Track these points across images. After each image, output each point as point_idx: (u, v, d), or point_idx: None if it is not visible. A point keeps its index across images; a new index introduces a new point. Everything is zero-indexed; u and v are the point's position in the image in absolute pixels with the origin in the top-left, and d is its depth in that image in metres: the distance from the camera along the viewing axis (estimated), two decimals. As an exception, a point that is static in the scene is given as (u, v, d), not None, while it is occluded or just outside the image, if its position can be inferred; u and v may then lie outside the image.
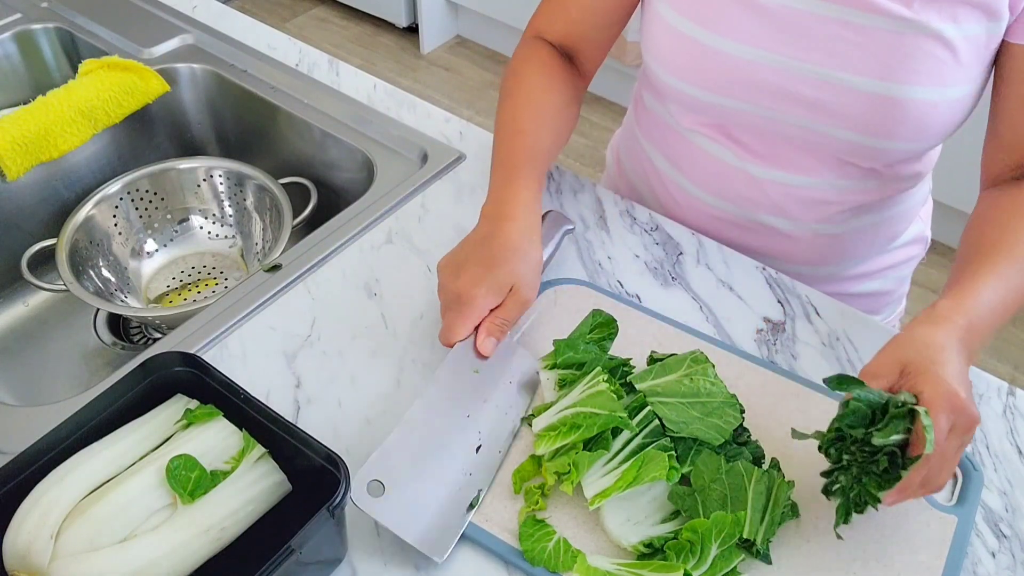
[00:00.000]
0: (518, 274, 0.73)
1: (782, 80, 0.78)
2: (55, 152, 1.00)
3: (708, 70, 0.81)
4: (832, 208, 0.88)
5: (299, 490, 0.64)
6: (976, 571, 0.66)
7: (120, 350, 1.02)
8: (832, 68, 0.76)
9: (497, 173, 0.81)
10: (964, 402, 0.60)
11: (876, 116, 0.77)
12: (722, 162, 0.89)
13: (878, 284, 1.00)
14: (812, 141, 0.82)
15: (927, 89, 0.75)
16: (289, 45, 1.17)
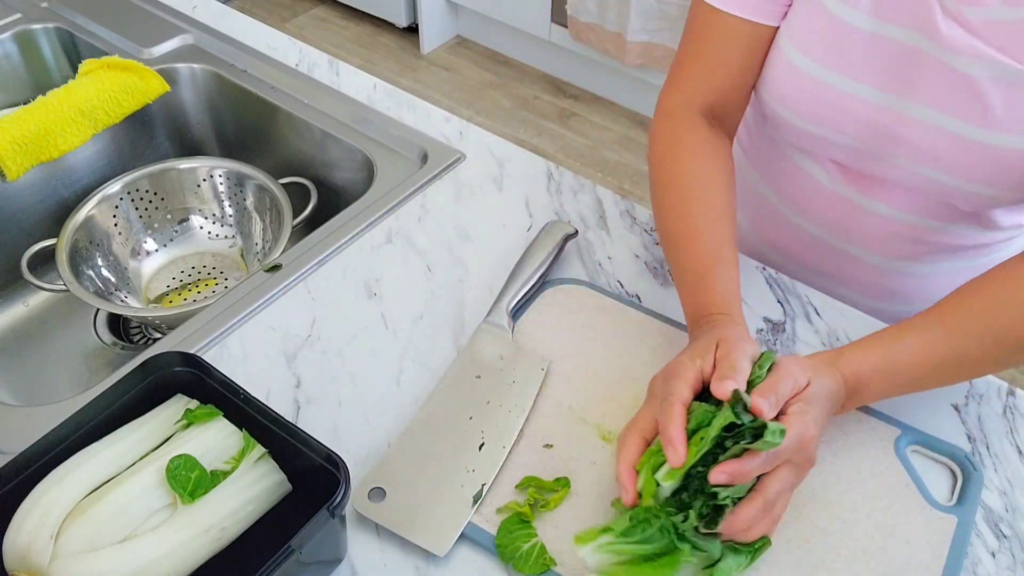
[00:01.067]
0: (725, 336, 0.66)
1: (887, 119, 0.76)
2: (55, 152, 1.00)
3: (820, 105, 0.78)
4: (923, 247, 0.85)
5: (299, 490, 0.64)
6: (976, 571, 0.66)
7: (120, 350, 1.02)
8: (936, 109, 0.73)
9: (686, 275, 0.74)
10: (811, 440, 0.60)
11: (974, 162, 0.74)
12: (821, 185, 0.86)
13: None
14: (914, 181, 0.79)
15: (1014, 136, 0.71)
16: (289, 45, 1.17)
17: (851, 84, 0.76)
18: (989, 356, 0.68)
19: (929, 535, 0.66)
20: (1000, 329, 0.67)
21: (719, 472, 0.57)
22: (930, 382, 0.69)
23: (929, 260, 0.87)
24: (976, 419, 0.75)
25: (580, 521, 0.66)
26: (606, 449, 0.71)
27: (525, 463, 0.70)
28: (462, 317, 0.83)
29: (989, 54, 0.69)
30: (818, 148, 0.83)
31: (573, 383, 0.76)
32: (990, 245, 0.87)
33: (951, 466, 0.72)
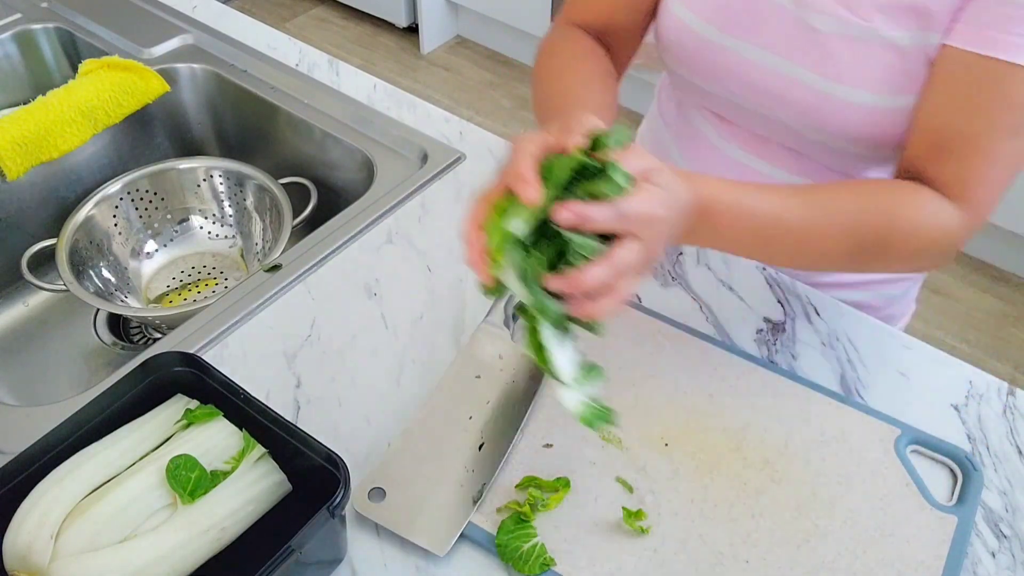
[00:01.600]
0: None
1: (758, 74, 0.79)
2: (55, 152, 1.00)
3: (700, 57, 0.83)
4: None
5: (299, 490, 0.64)
6: (976, 571, 0.66)
7: (120, 350, 1.02)
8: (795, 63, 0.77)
9: None
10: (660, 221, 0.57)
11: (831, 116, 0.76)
12: (712, 145, 0.90)
13: (857, 296, 0.95)
14: (789, 139, 0.83)
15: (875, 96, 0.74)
16: (289, 45, 1.17)
17: (727, 39, 0.80)
18: (842, 248, 0.68)
19: (929, 535, 0.66)
20: (860, 226, 0.68)
21: (564, 210, 0.54)
22: (774, 249, 0.68)
23: None
24: (976, 419, 0.75)
25: (580, 521, 0.66)
26: (606, 449, 0.71)
27: (525, 463, 0.70)
28: (462, 317, 0.82)
29: (831, 8, 0.73)
30: (705, 103, 0.87)
31: (573, 383, 0.76)
32: None
33: (951, 466, 0.72)
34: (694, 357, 0.78)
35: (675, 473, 0.70)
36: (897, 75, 0.73)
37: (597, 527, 0.66)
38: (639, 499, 0.68)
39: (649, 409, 0.74)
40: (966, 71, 0.68)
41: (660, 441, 0.72)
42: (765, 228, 0.66)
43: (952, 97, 0.69)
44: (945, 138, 0.70)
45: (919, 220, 0.69)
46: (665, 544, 0.65)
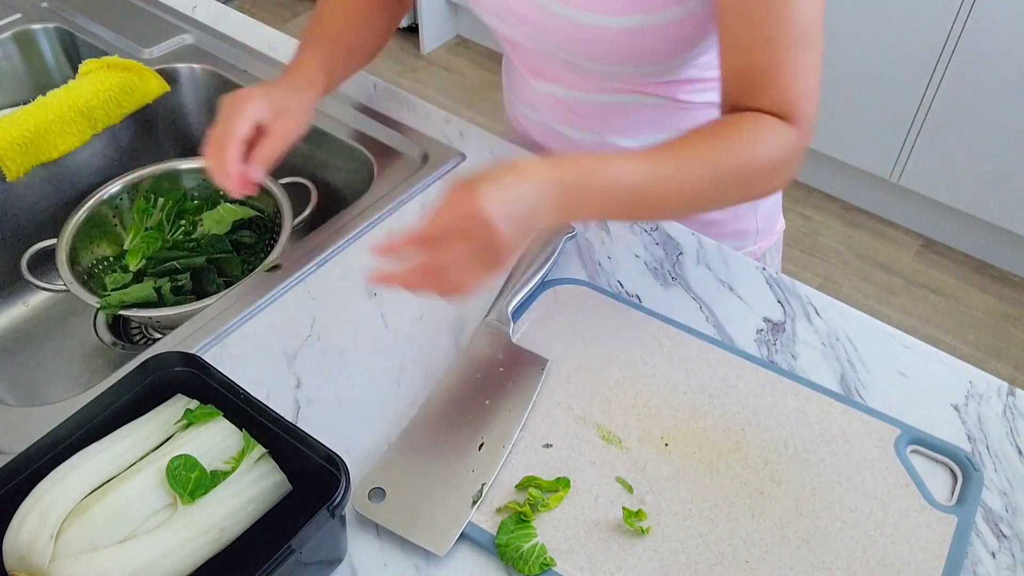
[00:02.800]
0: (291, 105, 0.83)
1: (521, 7, 0.84)
2: (55, 152, 1.00)
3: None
4: (620, 121, 0.93)
5: (299, 490, 0.64)
6: (976, 571, 0.66)
7: (120, 350, 1.02)
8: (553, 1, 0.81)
9: None
10: (477, 209, 0.62)
11: (575, 39, 0.82)
12: (514, 69, 0.97)
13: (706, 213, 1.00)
14: (559, 61, 0.88)
15: (603, 17, 0.79)
16: (289, 45, 1.16)
17: None
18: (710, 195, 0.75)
19: (929, 535, 0.66)
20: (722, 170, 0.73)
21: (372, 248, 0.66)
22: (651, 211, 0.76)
23: (631, 133, 0.94)
24: (976, 419, 0.75)
25: (580, 521, 0.66)
26: (606, 449, 0.71)
27: (525, 463, 0.70)
28: (462, 317, 0.83)
29: None
30: (492, 28, 0.92)
31: (573, 383, 0.76)
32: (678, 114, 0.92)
33: (951, 466, 0.72)
34: (694, 357, 0.78)
35: (675, 473, 0.70)
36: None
37: (597, 527, 0.66)
38: (639, 499, 0.68)
39: (649, 409, 0.74)
40: (742, 12, 0.74)
41: (660, 441, 0.72)
42: (640, 194, 0.71)
43: (741, 38, 0.75)
44: (751, 75, 0.76)
45: (765, 149, 0.75)
46: (665, 544, 0.65)
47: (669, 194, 0.73)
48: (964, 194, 2.17)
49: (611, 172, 0.69)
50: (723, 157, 0.74)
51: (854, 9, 2.07)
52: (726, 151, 0.74)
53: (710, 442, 0.72)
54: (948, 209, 2.25)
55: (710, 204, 0.78)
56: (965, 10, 1.92)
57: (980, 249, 2.29)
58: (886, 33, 2.06)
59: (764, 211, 1.04)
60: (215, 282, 1.01)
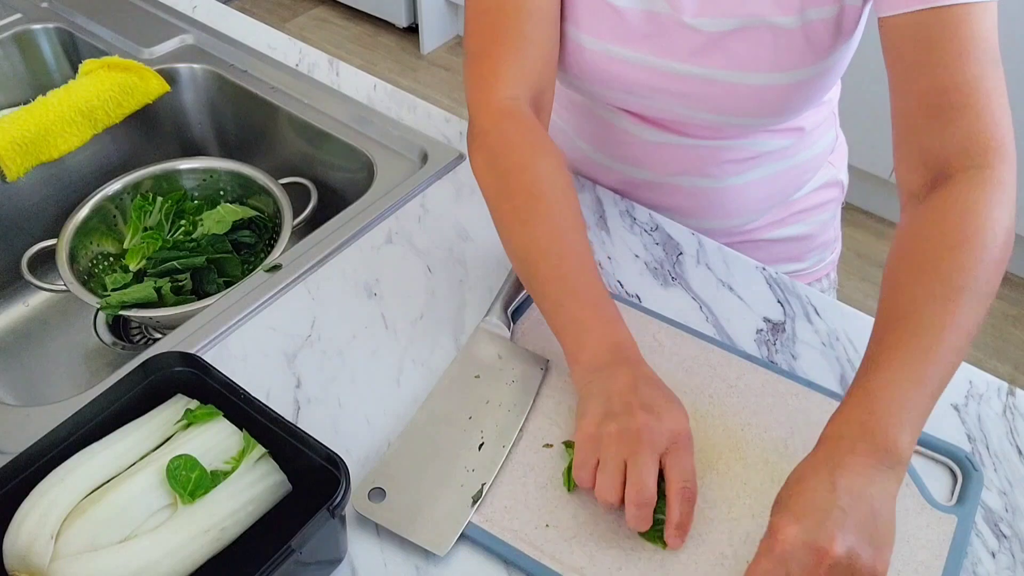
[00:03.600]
0: (682, 426, 0.64)
1: (650, 77, 0.82)
2: (55, 152, 1.00)
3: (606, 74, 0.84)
4: (729, 165, 0.92)
5: (299, 490, 0.64)
6: (976, 571, 0.66)
7: (120, 350, 1.02)
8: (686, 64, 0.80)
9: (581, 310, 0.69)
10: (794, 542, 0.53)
11: (730, 100, 0.81)
12: (628, 132, 0.92)
13: (795, 230, 1.01)
14: (700, 120, 0.86)
15: (767, 75, 0.78)
16: (289, 45, 1.17)
17: (627, 52, 0.81)
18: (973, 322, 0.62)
19: (929, 535, 0.66)
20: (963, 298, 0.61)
21: None
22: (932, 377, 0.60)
23: (735, 172, 0.92)
24: (976, 419, 0.75)
25: (580, 521, 0.66)
26: (606, 449, 0.71)
27: (525, 463, 0.70)
28: (462, 317, 0.83)
29: (709, 12, 0.77)
30: (617, 105, 0.89)
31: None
32: (787, 149, 0.93)
33: (951, 466, 0.72)
34: (694, 357, 0.78)
35: (675, 473, 0.69)
36: (783, 53, 0.77)
37: (597, 527, 0.66)
38: (639, 499, 0.68)
39: (649, 409, 0.74)
40: (919, 30, 0.65)
41: (660, 441, 0.72)
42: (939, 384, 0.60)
43: (921, 61, 0.66)
44: (937, 99, 0.65)
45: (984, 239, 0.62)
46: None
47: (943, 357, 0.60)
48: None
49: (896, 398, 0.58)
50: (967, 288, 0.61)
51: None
52: (956, 273, 0.61)
53: (710, 442, 0.72)
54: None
55: (979, 327, 0.63)
56: (965, 10, 1.92)
57: (980, 249, 2.29)
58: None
59: (839, 219, 1.07)
60: (215, 282, 1.01)
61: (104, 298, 0.92)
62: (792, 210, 0.99)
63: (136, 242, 1.03)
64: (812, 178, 0.99)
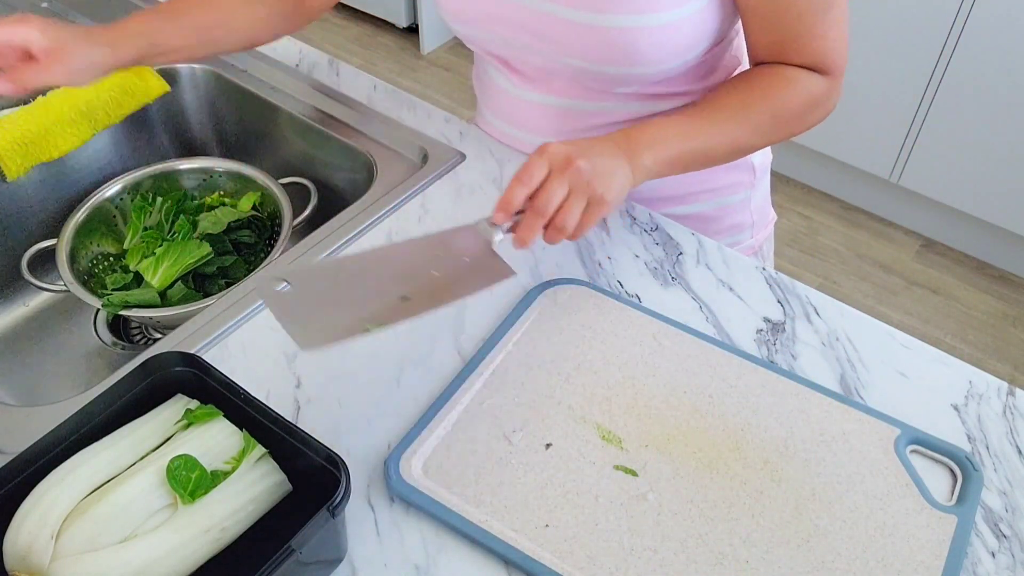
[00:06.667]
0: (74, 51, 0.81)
1: (515, 13, 0.84)
2: (55, 152, 1.00)
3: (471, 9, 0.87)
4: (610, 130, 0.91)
5: (299, 490, 0.64)
6: (976, 571, 0.66)
7: (120, 350, 1.02)
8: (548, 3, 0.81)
9: None
10: (557, 147, 0.72)
11: (592, 45, 0.82)
12: (503, 88, 0.96)
13: (695, 208, 1.00)
14: (559, 69, 0.87)
15: (629, 17, 0.79)
16: (289, 45, 1.17)
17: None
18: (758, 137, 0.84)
19: (929, 535, 0.66)
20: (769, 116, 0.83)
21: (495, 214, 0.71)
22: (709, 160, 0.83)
23: None
24: (976, 419, 0.75)
25: (580, 521, 0.66)
26: (606, 449, 0.71)
27: (525, 463, 0.70)
28: (462, 317, 0.83)
29: None
30: (488, 50, 0.92)
31: (573, 383, 0.76)
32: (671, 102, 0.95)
33: (951, 466, 0.72)
34: (694, 357, 0.78)
35: (675, 473, 0.70)
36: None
37: (597, 527, 0.66)
38: (640, 497, 0.68)
39: (649, 409, 0.74)
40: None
41: (660, 441, 0.72)
42: (686, 138, 0.80)
43: (768, 14, 0.81)
44: (782, 44, 0.82)
45: (795, 93, 0.83)
46: (665, 544, 0.65)
47: (705, 140, 0.81)
48: (964, 194, 2.17)
49: (654, 125, 0.79)
50: (754, 105, 0.82)
51: (854, 9, 2.07)
52: (757, 99, 0.83)
53: (710, 442, 0.72)
54: (948, 209, 2.25)
55: (749, 148, 0.86)
56: (965, 10, 1.92)
57: (980, 249, 2.29)
58: (886, 33, 2.06)
59: (757, 205, 1.05)
60: (215, 282, 1.01)
61: (106, 297, 0.92)
62: (690, 189, 0.98)
63: (136, 242, 1.03)
64: None
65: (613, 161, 0.75)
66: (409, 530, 0.67)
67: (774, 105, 0.83)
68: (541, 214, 0.71)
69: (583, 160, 0.72)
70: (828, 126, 2.27)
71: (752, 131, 0.83)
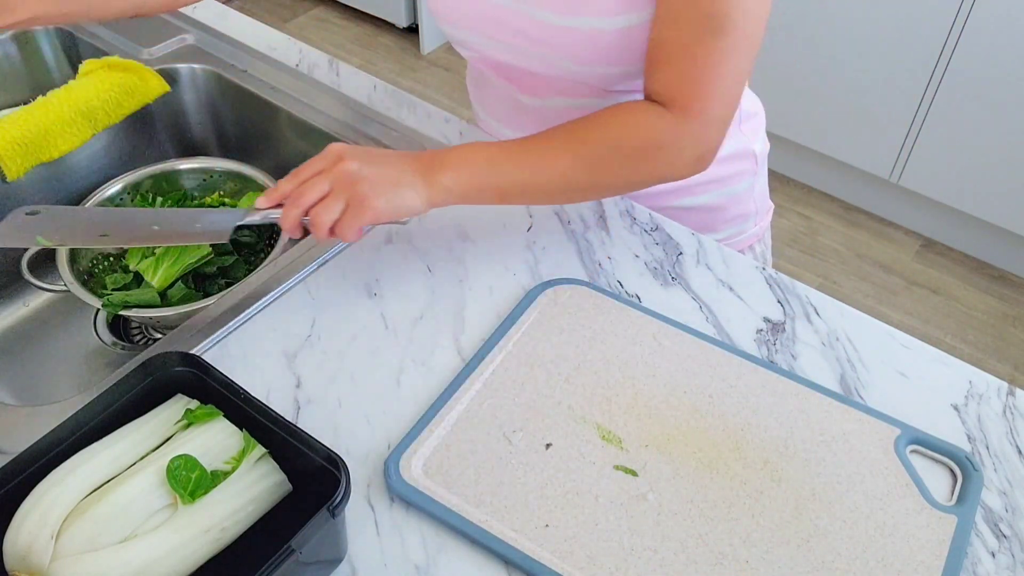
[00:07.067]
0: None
1: (508, 16, 0.84)
2: (55, 152, 1.00)
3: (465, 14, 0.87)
4: None
5: (299, 490, 0.64)
6: (976, 571, 0.66)
7: (120, 350, 1.02)
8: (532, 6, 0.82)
9: None
10: (337, 147, 0.76)
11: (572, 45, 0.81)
12: (496, 89, 0.96)
13: (703, 200, 1.00)
14: (549, 71, 0.87)
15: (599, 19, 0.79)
16: (289, 45, 1.17)
17: None
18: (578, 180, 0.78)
19: (929, 535, 0.66)
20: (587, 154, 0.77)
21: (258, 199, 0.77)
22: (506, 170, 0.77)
23: None
24: (976, 419, 0.76)
25: (580, 521, 0.66)
26: (606, 449, 0.71)
27: (525, 463, 0.70)
28: (462, 317, 0.83)
29: None
30: (480, 51, 0.91)
31: (573, 383, 0.76)
32: None
33: (951, 466, 0.72)
34: (694, 357, 0.78)
35: (675, 473, 0.70)
36: None
37: (597, 527, 0.66)
38: (640, 497, 0.68)
39: (649, 409, 0.74)
40: None
41: (660, 441, 0.72)
42: (494, 167, 0.77)
43: (663, 12, 0.76)
44: (660, 50, 0.77)
45: (634, 131, 0.77)
46: (665, 544, 0.65)
47: (525, 171, 0.77)
48: (964, 194, 2.17)
49: (466, 148, 0.77)
50: (589, 137, 0.77)
51: (854, 9, 2.07)
52: (593, 132, 0.77)
53: (710, 442, 0.72)
54: (948, 209, 2.25)
55: (581, 186, 0.80)
56: (965, 10, 1.92)
57: (980, 249, 2.29)
58: (886, 33, 2.06)
59: (759, 193, 1.06)
60: (215, 282, 1.01)
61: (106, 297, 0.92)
62: (698, 180, 0.97)
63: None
64: None
65: (398, 173, 0.75)
66: (409, 530, 0.67)
67: (610, 138, 0.77)
68: (295, 205, 0.74)
69: (353, 162, 0.74)
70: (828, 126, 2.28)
71: (587, 166, 0.77)
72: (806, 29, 2.16)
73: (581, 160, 0.77)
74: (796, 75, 2.24)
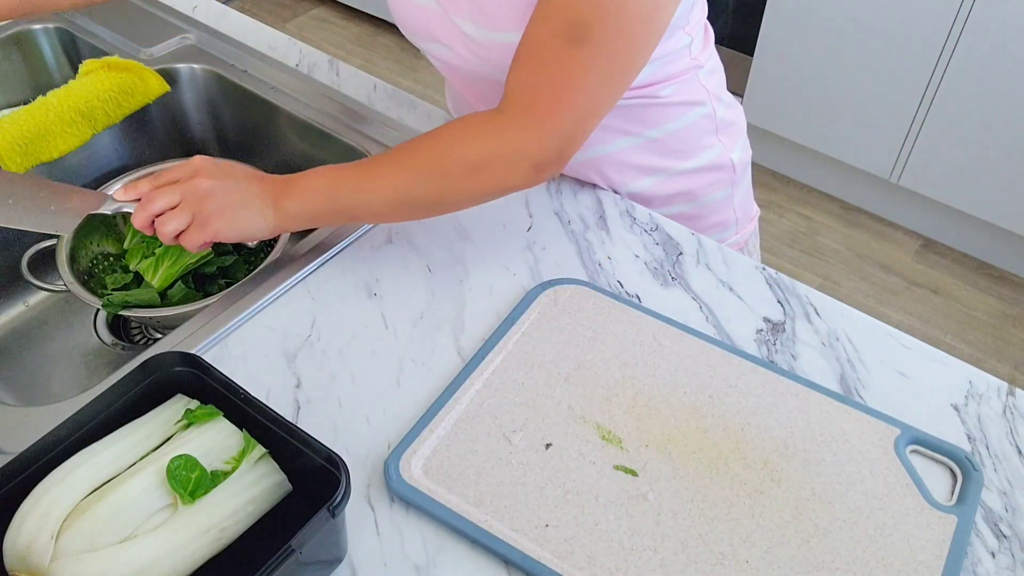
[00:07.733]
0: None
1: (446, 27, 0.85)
2: (55, 152, 1.00)
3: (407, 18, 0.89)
4: None
5: (299, 490, 0.64)
6: (976, 571, 0.66)
7: (120, 350, 1.02)
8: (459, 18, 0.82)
9: None
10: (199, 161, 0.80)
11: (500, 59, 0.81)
12: (458, 95, 0.98)
13: (679, 209, 0.99)
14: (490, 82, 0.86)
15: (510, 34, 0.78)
16: (289, 45, 1.17)
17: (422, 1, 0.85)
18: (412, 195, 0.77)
19: (929, 535, 0.66)
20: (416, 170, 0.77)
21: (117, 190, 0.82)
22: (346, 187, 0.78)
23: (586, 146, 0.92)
24: (976, 419, 0.76)
25: (580, 521, 0.66)
26: (606, 449, 0.71)
27: (525, 463, 0.70)
28: (462, 317, 0.83)
29: None
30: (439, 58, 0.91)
31: (573, 383, 0.76)
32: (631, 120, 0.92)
33: (951, 466, 0.72)
34: (694, 357, 0.78)
35: (675, 473, 0.70)
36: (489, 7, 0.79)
37: (597, 527, 0.66)
38: (640, 497, 0.68)
39: (649, 409, 0.74)
40: None
41: (660, 441, 0.72)
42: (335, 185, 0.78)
43: (537, 9, 0.73)
44: (521, 48, 0.75)
45: (461, 146, 0.76)
46: (665, 544, 0.65)
47: (366, 191, 0.77)
48: (964, 194, 2.17)
49: (313, 173, 0.79)
50: (421, 153, 0.77)
51: (854, 9, 2.07)
52: (426, 147, 0.77)
53: (710, 442, 0.72)
54: (948, 209, 2.25)
55: (423, 202, 0.79)
56: (965, 10, 1.92)
57: (980, 249, 2.29)
58: (886, 33, 2.06)
59: (740, 201, 1.05)
60: (215, 282, 1.01)
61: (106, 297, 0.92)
62: (666, 192, 0.98)
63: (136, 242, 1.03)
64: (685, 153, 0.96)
65: (247, 197, 0.78)
66: (409, 530, 0.67)
67: (441, 152, 0.76)
68: (144, 208, 0.79)
69: (206, 180, 0.78)
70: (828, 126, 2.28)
71: (422, 181, 0.77)
72: (806, 29, 2.16)
73: (417, 175, 0.77)
74: (796, 75, 2.24)
